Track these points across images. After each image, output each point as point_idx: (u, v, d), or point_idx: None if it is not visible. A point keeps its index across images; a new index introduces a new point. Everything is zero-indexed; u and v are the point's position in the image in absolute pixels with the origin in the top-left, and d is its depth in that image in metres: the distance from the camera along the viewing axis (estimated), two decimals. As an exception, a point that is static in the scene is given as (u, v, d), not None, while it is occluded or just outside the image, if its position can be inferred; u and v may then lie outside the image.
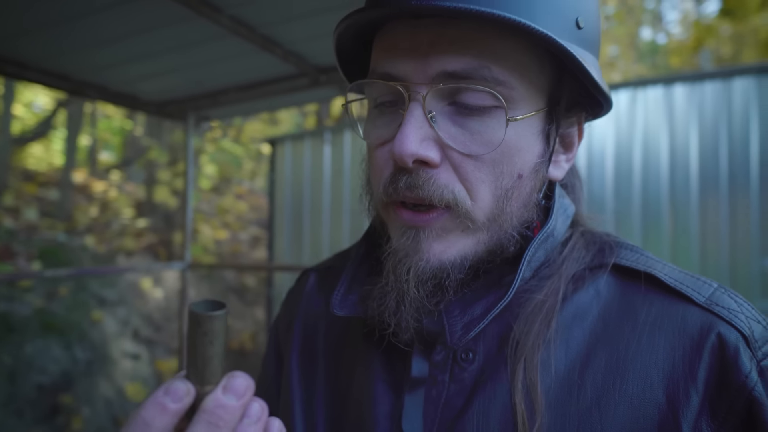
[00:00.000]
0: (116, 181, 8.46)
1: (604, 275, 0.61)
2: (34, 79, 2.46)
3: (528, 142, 0.58)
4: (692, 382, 0.52)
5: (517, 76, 0.55)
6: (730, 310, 0.54)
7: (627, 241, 0.66)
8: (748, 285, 3.43)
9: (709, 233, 3.58)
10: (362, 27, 0.61)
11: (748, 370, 0.50)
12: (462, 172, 0.56)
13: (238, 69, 2.58)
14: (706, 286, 0.58)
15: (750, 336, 0.52)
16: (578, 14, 0.58)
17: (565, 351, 0.57)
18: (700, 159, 3.62)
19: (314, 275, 0.82)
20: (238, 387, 0.42)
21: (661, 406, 0.52)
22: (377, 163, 0.60)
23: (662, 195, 3.71)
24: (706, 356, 0.52)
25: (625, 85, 3.89)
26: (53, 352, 4.62)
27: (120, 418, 4.86)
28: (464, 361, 0.59)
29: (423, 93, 0.54)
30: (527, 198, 0.60)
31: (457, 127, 0.55)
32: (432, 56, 0.54)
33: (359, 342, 0.68)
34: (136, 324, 5.68)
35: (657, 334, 0.55)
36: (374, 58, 0.61)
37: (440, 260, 0.57)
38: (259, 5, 1.97)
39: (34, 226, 5.82)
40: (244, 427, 0.42)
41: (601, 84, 0.58)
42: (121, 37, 2.18)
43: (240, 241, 8.50)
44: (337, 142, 4.94)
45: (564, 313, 0.59)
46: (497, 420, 0.55)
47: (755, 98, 3.49)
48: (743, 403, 0.50)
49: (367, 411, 0.62)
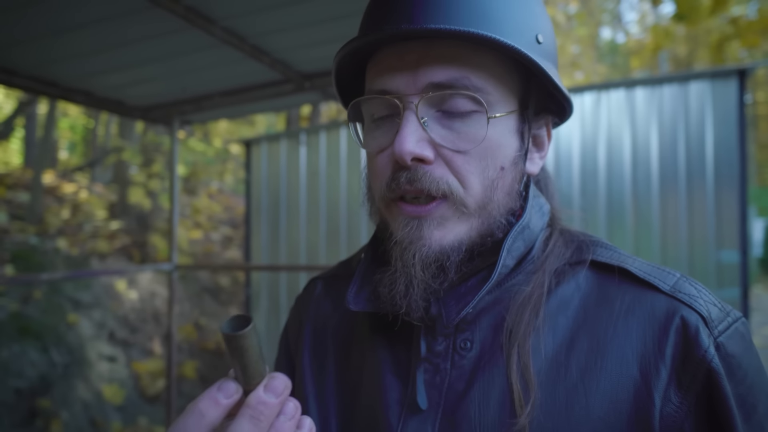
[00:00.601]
0: (84, 182, 8.33)
1: (584, 270, 0.70)
2: (23, 86, 2.48)
3: (506, 139, 0.67)
4: (661, 358, 0.60)
5: (492, 83, 0.65)
6: (691, 296, 0.63)
7: (601, 239, 0.74)
8: (705, 276, 3.64)
9: (669, 227, 3.78)
10: (357, 55, 0.70)
11: (706, 345, 0.59)
12: (454, 166, 0.64)
13: (225, 75, 2.65)
14: (670, 276, 0.66)
15: (708, 317, 0.61)
16: (537, 32, 0.68)
17: (552, 337, 0.65)
18: (660, 158, 3.82)
19: (321, 283, 0.91)
20: (277, 386, 0.48)
21: (636, 380, 0.60)
22: (378, 168, 0.68)
23: (625, 191, 3.90)
24: (672, 336, 0.60)
25: (590, 88, 4.07)
26: (30, 356, 4.57)
27: (98, 421, 4.84)
28: (463, 349, 0.67)
29: (415, 102, 0.63)
30: (510, 188, 0.69)
31: (446, 129, 0.64)
32: (420, 71, 0.63)
33: (366, 338, 0.75)
34: (112, 326, 5.64)
35: (630, 319, 0.63)
36: (369, 79, 0.70)
37: (441, 245, 0.64)
38: (251, 18, 2.05)
39: (4, 229, 5.71)
40: (281, 422, 0.48)
41: (561, 87, 0.68)
42: (112, 47, 2.23)
43: (212, 242, 8.48)
44: (313, 143, 5.00)
45: (549, 304, 0.67)
46: (496, 400, 0.63)
47: (710, 101, 3.71)
48: (703, 373, 0.58)
49: (379, 399, 0.69)
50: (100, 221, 6.85)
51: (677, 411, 0.58)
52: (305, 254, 4.97)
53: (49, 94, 2.64)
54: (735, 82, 3.65)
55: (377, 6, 0.68)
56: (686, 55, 13.93)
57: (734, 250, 3.61)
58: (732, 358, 0.59)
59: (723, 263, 3.63)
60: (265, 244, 5.16)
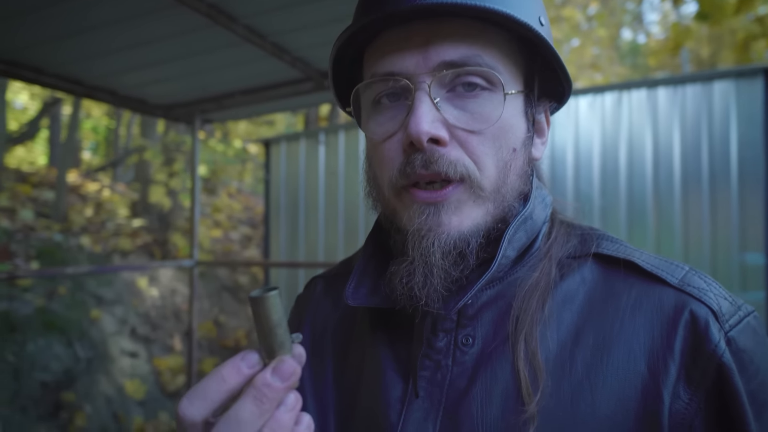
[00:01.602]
0: (106, 181, 8.48)
1: (588, 263, 0.67)
2: (49, 84, 2.54)
3: (517, 120, 0.66)
4: (669, 353, 0.57)
5: (502, 62, 0.64)
6: (700, 290, 0.60)
7: (607, 233, 0.72)
8: (728, 279, 3.56)
9: (691, 229, 3.72)
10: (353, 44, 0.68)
11: (717, 339, 0.56)
12: (469, 147, 0.62)
13: (245, 74, 2.68)
14: (678, 269, 0.64)
15: (718, 311, 0.58)
16: (539, 14, 0.67)
17: (556, 332, 0.62)
18: (683, 158, 3.76)
19: (322, 282, 0.89)
20: (285, 370, 0.47)
21: (644, 376, 0.57)
22: (386, 155, 0.65)
23: (647, 192, 3.85)
24: (681, 330, 0.58)
25: (611, 87, 4.03)
26: (55, 350, 4.67)
27: (120, 415, 4.92)
28: (465, 345, 0.65)
29: (428, 82, 0.61)
30: (522, 170, 0.67)
31: (458, 110, 0.62)
32: (431, 50, 0.61)
33: (367, 336, 0.74)
34: (134, 322, 5.74)
35: (638, 313, 0.61)
36: (371, 63, 0.67)
37: (460, 231, 0.62)
38: (272, 15, 2.08)
39: (30, 226, 5.84)
40: (281, 413, 0.47)
41: (565, 66, 0.68)
42: (135, 46, 2.27)
43: (232, 241, 8.56)
44: (332, 142, 5.02)
45: (554, 298, 0.65)
46: (499, 396, 0.60)
47: (734, 100, 3.65)
48: (714, 369, 0.56)
49: (379, 397, 0.67)
50: (122, 219, 6.97)
51: (687, 408, 0.56)
52: (323, 253, 5.00)
53: (75, 93, 2.70)
54: (761, 80, 3.57)
55: None
56: (710, 55, 13.71)
57: (759, 252, 3.54)
58: (744, 353, 0.57)
59: (747, 266, 3.56)
60: (284, 243, 5.20)
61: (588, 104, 4.05)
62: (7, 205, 5.99)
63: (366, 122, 0.69)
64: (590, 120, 4.05)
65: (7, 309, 4.57)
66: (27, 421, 4.18)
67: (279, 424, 0.47)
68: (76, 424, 4.46)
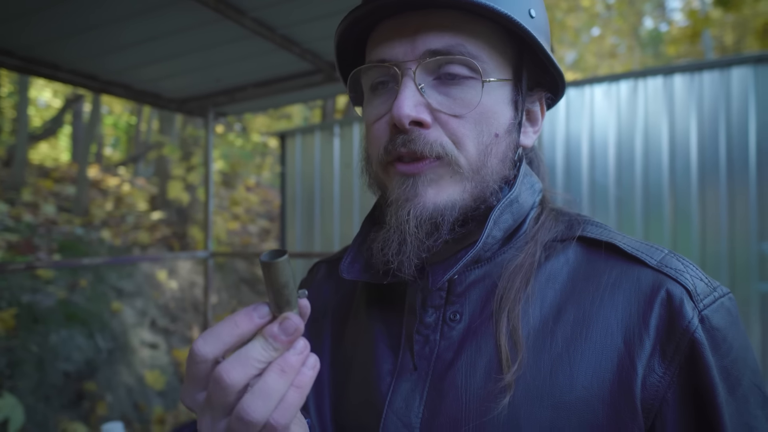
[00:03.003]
0: (127, 176, 8.61)
1: (573, 245, 0.71)
2: (65, 80, 2.60)
3: (501, 107, 0.69)
4: (645, 329, 0.60)
5: (487, 51, 0.67)
6: (677, 270, 0.63)
7: (592, 218, 0.75)
8: (746, 268, 3.52)
9: (708, 219, 3.67)
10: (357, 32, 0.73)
11: (690, 316, 0.59)
12: (449, 129, 0.66)
13: (256, 67, 2.71)
14: (658, 251, 0.67)
15: (693, 290, 0.61)
16: (530, 6, 0.70)
17: (539, 308, 0.66)
18: (699, 147, 3.71)
19: (324, 266, 0.94)
20: (289, 326, 0.52)
21: (620, 350, 0.61)
22: (375, 134, 0.70)
23: (663, 182, 3.80)
24: (657, 308, 0.61)
25: (626, 75, 3.98)
26: (77, 341, 4.78)
27: (141, 404, 5.03)
28: (452, 321, 0.69)
29: (413, 68, 0.66)
30: (503, 155, 0.70)
31: (442, 95, 0.67)
32: (418, 38, 0.66)
33: (363, 313, 0.79)
34: (153, 314, 5.84)
35: (617, 292, 0.64)
36: (369, 51, 0.72)
37: (435, 203, 0.66)
38: (281, 8, 2.10)
39: (52, 220, 5.97)
40: (290, 354, 0.52)
41: (553, 59, 0.71)
42: (148, 40, 2.30)
43: (250, 234, 8.64)
44: (346, 135, 5.04)
45: (539, 277, 0.68)
46: (483, 368, 0.64)
47: (752, 87, 3.58)
48: (687, 344, 0.58)
49: (372, 369, 0.72)
50: (141, 213, 7.08)
51: (660, 381, 0.59)
52: (339, 244, 5.03)
53: (90, 88, 2.75)
54: (780, 67, 3.51)
55: None
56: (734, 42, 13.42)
57: (778, 242, 3.49)
58: (716, 331, 0.59)
59: (766, 255, 3.51)
60: (300, 235, 5.25)
61: (603, 93, 4.01)
62: (30, 200, 6.13)
63: (364, 106, 0.74)
64: (605, 109, 4.01)
65: (30, 301, 4.68)
66: (50, 409, 4.29)
67: (288, 364, 0.52)
68: (98, 413, 4.57)
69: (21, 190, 6.09)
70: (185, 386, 0.53)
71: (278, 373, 0.51)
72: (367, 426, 0.69)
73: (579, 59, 16.35)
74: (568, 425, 0.60)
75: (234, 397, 0.50)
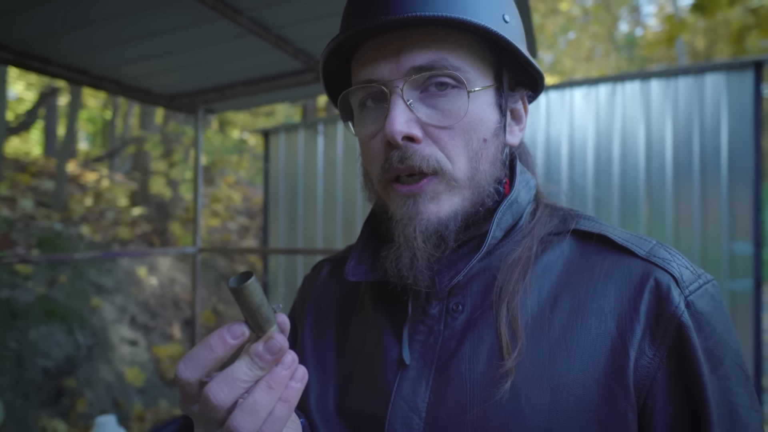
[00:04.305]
0: (104, 172, 8.50)
1: (567, 239, 0.75)
2: (57, 74, 2.59)
3: (486, 112, 0.72)
4: (636, 315, 0.65)
5: (468, 62, 0.71)
6: (664, 260, 0.68)
7: (585, 213, 0.80)
8: (718, 267, 3.66)
9: (682, 218, 3.81)
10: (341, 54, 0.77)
11: (677, 302, 0.64)
12: (441, 142, 0.69)
13: (249, 65, 2.73)
14: (646, 242, 0.72)
15: (679, 278, 0.66)
16: (503, 12, 0.73)
17: (537, 297, 0.70)
18: (674, 149, 3.84)
19: (328, 265, 0.98)
20: (274, 346, 0.54)
21: (613, 336, 0.65)
22: (372, 152, 0.73)
23: (639, 183, 3.93)
24: (646, 295, 0.66)
25: (605, 80, 4.10)
26: (56, 337, 4.73)
27: (120, 401, 4.99)
28: (455, 311, 0.73)
29: (400, 86, 0.68)
30: (493, 158, 0.74)
31: (430, 108, 0.70)
32: (402, 57, 0.69)
33: (369, 309, 0.82)
34: (133, 311, 5.80)
35: (609, 281, 0.69)
36: (355, 72, 0.75)
37: (438, 217, 0.70)
38: (277, 8, 2.13)
39: (30, 215, 5.88)
40: (278, 370, 0.54)
41: (530, 59, 0.74)
42: (142, 37, 2.31)
43: (230, 231, 8.61)
44: (330, 133, 5.07)
45: (536, 268, 0.73)
46: (485, 354, 0.69)
47: (725, 93, 3.71)
48: (674, 327, 0.63)
49: (378, 359, 0.76)
50: (121, 209, 7.01)
51: (650, 363, 0.64)
52: (322, 241, 5.07)
53: (81, 82, 2.74)
54: (751, 74, 3.65)
55: (356, 2, 0.74)
56: (706, 47, 13.78)
57: (747, 242, 3.63)
58: (701, 315, 0.64)
59: (736, 255, 3.65)
60: (283, 233, 5.27)
61: (583, 96, 4.12)
62: (8, 194, 6.03)
63: (356, 124, 0.77)
64: (585, 112, 4.12)
65: (9, 297, 4.62)
66: (29, 406, 4.25)
67: (275, 380, 0.54)
68: (78, 410, 4.53)
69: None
70: (180, 400, 0.57)
71: (266, 389, 0.54)
72: (375, 412, 0.73)
73: (556, 62, 16.60)
74: (566, 406, 0.64)
75: (224, 414, 0.53)
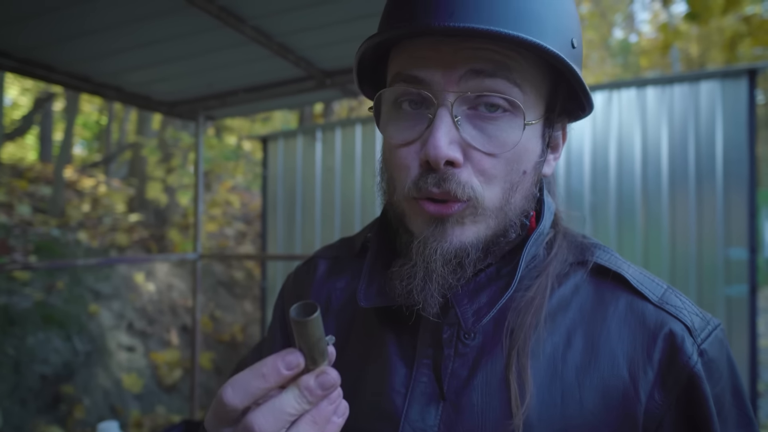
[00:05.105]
0: (101, 177, 8.49)
1: (582, 272, 0.74)
2: (59, 81, 2.61)
3: (532, 144, 0.67)
4: (649, 362, 0.66)
5: (528, 84, 0.64)
6: (677, 308, 0.69)
7: (599, 242, 0.78)
8: (713, 273, 3.69)
9: (678, 225, 3.83)
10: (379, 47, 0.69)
11: (690, 352, 0.65)
12: (480, 168, 0.64)
13: (250, 72, 2.75)
14: (659, 287, 0.72)
15: (692, 327, 0.67)
16: (573, 36, 0.66)
17: (550, 336, 0.69)
18: (670, 156, 3.87)
19: (324, 264, 0.91)
20: (327, 381, 0.53)
21: (625, 380, 0.66)
22: (402, 162, 0.67)
23: (635, 189, 3.96)
24: (660, 343, 0.66)
25: (601, 87, 4.14)
26: (54, 344, 4.72)
27: (118, 408, 4.98)
28: (467, 338, 0.70)
29: (451, 100, 0.62)
30: (528, 191, 0.69)
31: (477, 130, 0.63)
32: (459, 61, 0.62)
33: (375, 325, 0.77)
34: (131, 317, 5.79)
35: (622, 326, 0.68)
36: (399, 64, 0.67)
37: (461, 242, 0.65)
38: (280, 17, 2.16)
39: (28, 221, 5.87)
40: (324, 404, 0.53)
41: (588, 91, 0.68)
42: (145, 45, 2.34)
43: (227, 237, 8.61)
44: (328, 139, 5.09)
45: (550, 303, 0.71)
46: (498, 389, 0.67)
47: (720, 100, 3.75)
48: (686, 376, 0.64)
49: (385, 383, 0.72)
50: (118, 215, 7.00)
51: (659, 407, 0.65)
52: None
53: (83, 89, 2.76)
54: (745, 81, 3.69)
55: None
56: (699, 54, 13.90)
57: (742, 247, 3.66)
58: (712, 363, 0.66)
59: (731, 260, 3.68)
60: (281, 239, 5.28)
61: (579, 103, 4.15)
62: (5, 200, 6.02)
63: (386, 123, 0.70)
64: (581, 120, 4.14)
65: (6, 303, 4.61)
66: (27, 413, 4.23)
67: (321, 416, 0.53)
68: (75, 417, 4.51)
69: (-5, 190, 5.98)
70: (212, 418, 0.54)
71: (310, 424, 0.53)
72: None
73: (551, 68, 16.59)
74: None
75: None
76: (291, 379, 0.53)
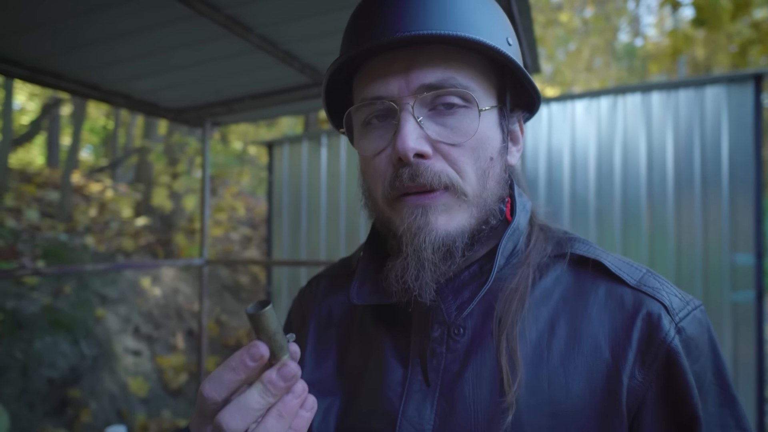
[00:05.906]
0: (108, 182, 8.55)
1: (563, 263, 0.77)
2: (68, 89, 2.63)
3: (492, 132, 0.74)
4: (628, 342, 0.68)
5: (476, 81, 0.72)
6: (655, 289, 0.72)
7: (578, 235, 0.82)
8: (719, 278, 3.67)
9: (683, 230, 3.83)
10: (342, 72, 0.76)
11: (667, 329, 0.68)
12: (451, 159, 0.70)
13: (256, 79, 2.77)
14: (637, 271, 0.75)
15: (669, 306, 0.70)
16: (507, 35, 0.75)
17: (535, 325, 0.73)
18: (675, 161, 3.87)
19: (324, 281, 0.98)
20: (287, 373, 0.56)
21: (608, 362, 0.69)
22: (377, 169, 0.73)
23: (641, 194, 3.96)
24: (638, 323, 0.69)
25: (607, 92, 4.14)
26: (61, 348, 4.75)
27: (124, 412, 5.01)
28: (456, 335, 0.74)
29: (411, 104, 0.69)
30: (499, 177, 0.76)
31: (439, 126, 0.70)
32: (412, 75, 0.69)
33: (371, 329, 0.82)
34: (137, 321, 5.82)
35: (603, 311, 0.72)
36: (360, 88, 0.75)
37: (447, 230, 0.70)
38: (286, 26, 2.18)
39: (35, 226, 5.92)
40: (289, 398, 0.57)
41: (532, 81, 0.76)
42: (153, 53, 2.36)
43: (232, 241, 8.64)
44: (334, 145, 5.11)
45: (533, 295, 0.74)
46: (488, 379, 0.70)
47: (725, 105, 3.75)
48: (664, 353, 0.67)
49: (382, 381, 0.76)
50: (125, 219, 7.05)
51: (640, 385, 0.67)
52: (325, 253, 5.09)
53: (91, 97, 2.79)
54: (751, 86, 3.68)
55: (361, 20, 0.74)
56: (705, 59, 13.86)
57: (749, 253, 3.65)
58: (690, 340, 0.68)
59: (737, 266, 3.67)
60: (287, 243, 5.29)
61: (584, 108, 4.16)
62: (13, 205, 6.07)
63: (358, 141, 0.77)
64: (586, 123, 4.15)
65: (14, 307, 4.65)
66: (34, 416, 4.26)
67: (286, 409, 0.56)
68: (82, 420, 4.54)
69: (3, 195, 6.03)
70: (195, 416, 0.59)
71: (276, 418, 0.56)
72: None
73: (556, 73, 16.70)
74: (566, 431, 0.67)
75: None
76: (259, 373, 0.56)
